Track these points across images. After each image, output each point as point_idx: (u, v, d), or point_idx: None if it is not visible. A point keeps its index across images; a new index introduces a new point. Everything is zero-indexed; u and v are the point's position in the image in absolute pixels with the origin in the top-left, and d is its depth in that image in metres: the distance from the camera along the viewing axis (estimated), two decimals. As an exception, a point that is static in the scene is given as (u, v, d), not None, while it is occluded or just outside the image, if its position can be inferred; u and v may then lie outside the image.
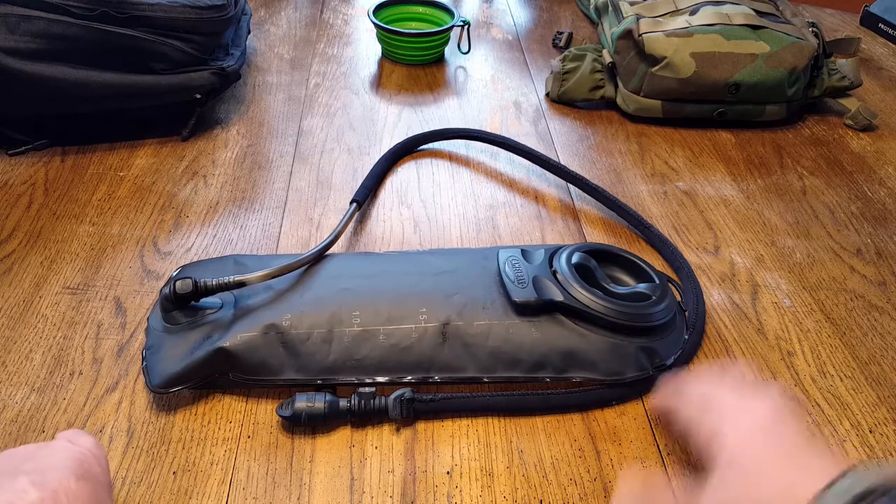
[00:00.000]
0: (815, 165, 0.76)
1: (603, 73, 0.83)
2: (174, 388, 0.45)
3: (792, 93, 0.78)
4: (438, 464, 0.44)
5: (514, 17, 1.07)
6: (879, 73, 0.96)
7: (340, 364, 0.47)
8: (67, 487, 0.31)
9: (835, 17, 1.12)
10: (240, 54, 0.77)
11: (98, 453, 0.36)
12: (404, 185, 0.69)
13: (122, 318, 0.53)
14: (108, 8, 0.63)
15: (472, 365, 0.47)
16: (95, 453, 0.35)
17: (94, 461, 0.34)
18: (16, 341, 0.50)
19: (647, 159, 0.75)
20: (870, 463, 0.45)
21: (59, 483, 0.31)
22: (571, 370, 0.48)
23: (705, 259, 0.62)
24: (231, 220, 0.63)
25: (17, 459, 0.33)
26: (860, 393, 0.50)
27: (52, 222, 0.61)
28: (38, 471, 0.32)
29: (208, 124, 0.76)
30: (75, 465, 0.33)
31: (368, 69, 0.90)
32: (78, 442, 0.35)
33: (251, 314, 0.48)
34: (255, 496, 0.42)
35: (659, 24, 0.79)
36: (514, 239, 0.63)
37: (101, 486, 0.34)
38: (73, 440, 0.35)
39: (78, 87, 0.64)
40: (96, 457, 0.35)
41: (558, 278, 0.50)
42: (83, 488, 0.32)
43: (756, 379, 0.45)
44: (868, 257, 0.63)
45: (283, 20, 1.01)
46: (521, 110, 0.83)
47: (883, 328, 0.56)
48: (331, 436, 0.45)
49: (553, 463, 0.45)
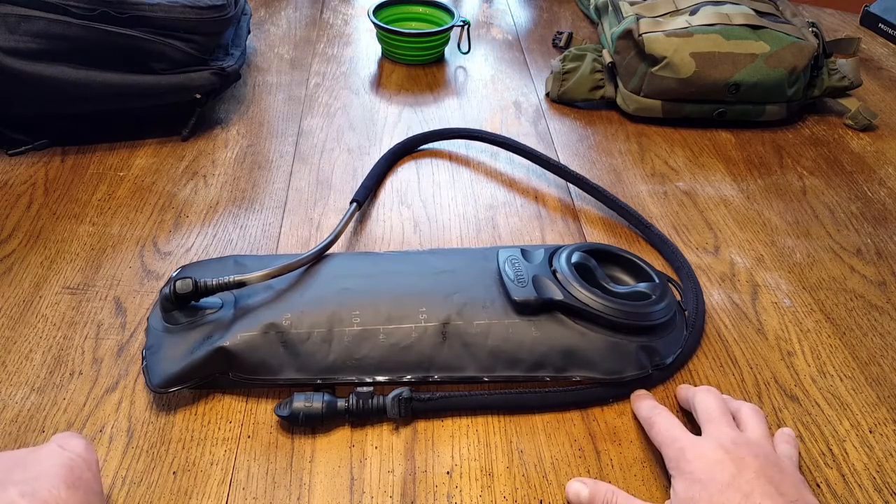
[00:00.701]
0: (815, 165, 0.76)
1: (603, 73, 0.83)
2: (174, 387, 0.45)
3: (792, 93, 0.78)
4: (438, 464, 0.44)
5: (514, 17, 1.07)
6: (879, 73, 0.96)
7: (340, 364, 0.47)
8: (58, 496, 0.31)
9: (835, 17, 1.12)
10: (240, 54, 0.77)
11: (89, 458, 0.35)
12: (404, 185, 0.69)
13: (122, 318, 0.53)
14: (109, 8, 0.63)
15: (471, 364, 0.47)
16: (86, 458, 0.35)
17: (84, 467, 0.34)
18: (16, 341, 0.50)
19: (647, 159, 0.75)
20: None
21: (49, 493, 0.31)
22: (571, 369, 0.48)
23: (705, 259, 0.62)
24: (231, 220, 0.63)
25: (6, 468, 0.33)
26: (860, 393, 0.50)
27: (52, 222, 0.61)
28: (27, 480, 0.31)
29: (208, 124, 0.76)
30: (65, 473, 0.32)
31: (368, 69, 0.90)
32: (69, 446, 0.35)
33: (251, 314, 0.48)
34: (255, 496, 0.42)
35: (659, 24, 0.79)
36: (514, 239, 0.63)
37: (92, 492, 0.33)
38: (64, 445, 0.35)
39: (78, 87, 0.64)
40: (87, 462, 0.34)
41: (558, 277, 0.50)
42: (74, 496, 0.31)
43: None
44: (868, 257, 0.63)
45: (283, 20, 1.01)
46: (521, 110, 0.83)
47: (883, 328, 0.56)
48: (331, 436, 0.45)
49: (553, 463, 0.45)
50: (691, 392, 0.46)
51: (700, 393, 0.45)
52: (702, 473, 0.38)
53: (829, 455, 0.46)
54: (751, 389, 0.50)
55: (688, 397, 0.46)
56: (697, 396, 0.44)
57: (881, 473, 0.45)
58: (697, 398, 0.44)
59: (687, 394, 0.46)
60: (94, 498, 0.33)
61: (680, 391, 0.48)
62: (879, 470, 0.45)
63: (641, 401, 0.47)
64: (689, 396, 0.46)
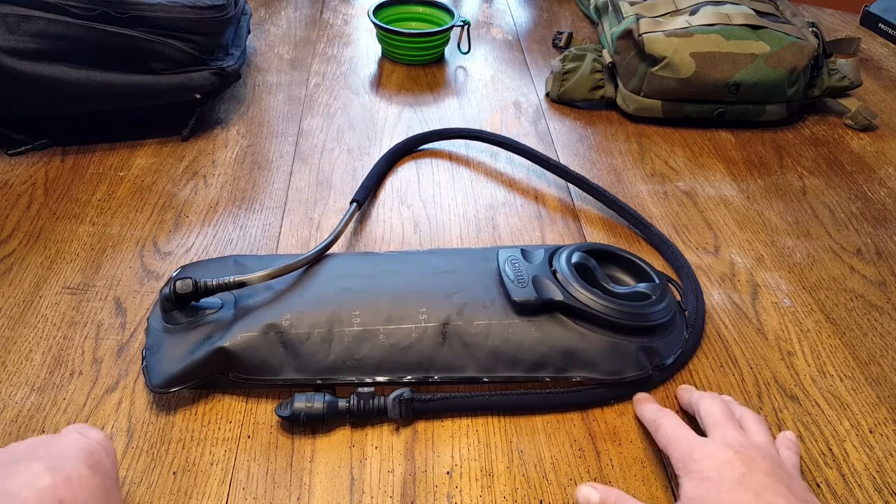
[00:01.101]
0: (815, 165, 0.76)
1: (603, 73, 0.83)
2: (174, 388, 0.45)
3: (792, 93, 0.78)
4: (438, 464, 0.44)
5: (514, 17, 1.07)
6: (879, 73, 0.96)
7: (340, 364, 0.47)
8: (79, 474, 0.32)
9: (835, 17, 1.12)
10: (240, 54, 0.77)
11: (107, 446, 0.36)
12: (404, 185, 0.69)
13: (122, 318, 0.53)
14: (108, 8, 0.63)
15: (471, 365, 0.47)
16: (105, 446, 0.36)
17: (103, 454, 0.35)
18: (16, 341, 0.50)
19: (647, 159, 0.75)
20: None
21: (72, 469, 0.32)
22: (571, 369, 0.48)
23: (705, 259, 0.62)
24: (231, 220, 0.63)
25: (30, 447, 0.34)
26: (860, 393, 0.50)
27: (52, 222, 0.61)
28: (51, 457, 0.32)
29: (208, 124, 0.76)
30: (86, 455, 0.33)
31: (368, 69, 0.90)
32: (88, 434, 0.36)
33: (251, 314, 0.48)
34: (255, 496, 0.42)
35: (659, 24, 0.79)
36: (514, 239, 0.63)
37: (110, 479, 0.34)
38: (84, 433, 0.36)
39: (78, 87, 0.64)
40: (106, 450, 0.36)
41: (558, 278, 0.50)
42: (94, 477, 0.32)
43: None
44: (868, 257, 0.63)
45: (283, 20, 1.01)
46: (521, 110, 0.83)
47: (883, 328, 0.56)
48: (331, 436, 0.45)
49: (553, 463, 0.45)
50: (695, 396, 0.46)
51: (705, 399, 0.44)
52: (711, 472, 0.38)
53: (829, 455, 0.46)
54: (751, 389, 0.50)
55: (690, 401, 0.46)
56: (702, 402, 0.44)
57: (881, 473, 0.45)
58: (702, 404, 0.44)
59: (690, 397, 0.46)
60: (111, 484, 0.34)
61: (681, 393, 0.48)
62: (879, 470, 0.45)
63: (644, 404, 0.46)
64: (692, 400, 0.46)
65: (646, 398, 0.48)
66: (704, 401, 0.44)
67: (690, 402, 0.46)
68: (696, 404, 0.45)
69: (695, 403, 0.45)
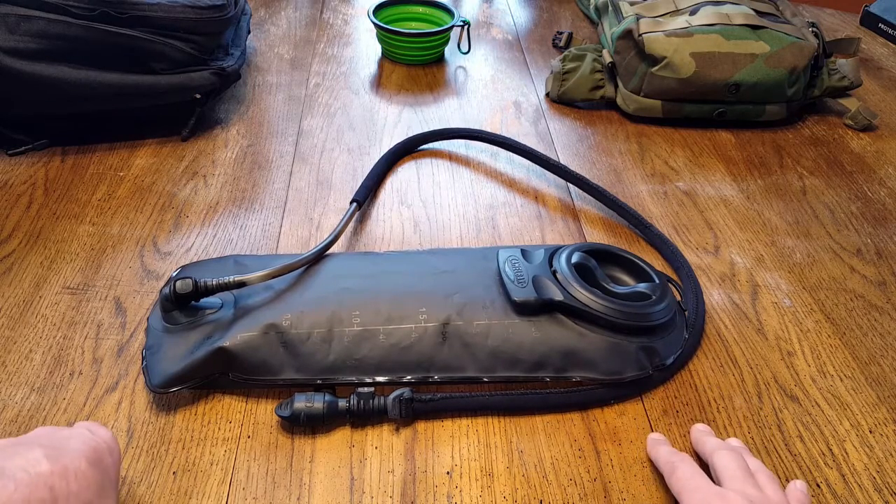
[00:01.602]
0: (815, 165, 0.76)
1: (603, 73, 0.83)
2: (174, 388, 0.45)
3: (792, 93, 0.78)
4: (438, 464, 0.44)
5: (514, 17, 1.07)
6: (879, 73, 0.96)
7: (340, 364, 0.47)
8: (77, 467, 0.32)
9: (835, 17, 1.12)
10: (240, 54, 0.77)
11: (113, 446, 0.37)
12: (404, 185, 0.69)
13: (122, 318, 0.53)
14: (108, 8, 0.63)
15: (471, 365, 0.47)
16: (111, 446, 0.36)
17: (107, 452, 0.36)
18: (16, 341, 0.50)
19: (647, 159, 0.75)
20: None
21: (71, 462, 0.32)
22: (571, 370, 0.48)
23: (705, 259, 0.62)
24: (231, 220, 0.63)
25: (36, 435, 0.35)
26: (860, 393, 0.50)
27: (52, 222, 0.61)
28: (54, 447, 0.33)
29: (208, 124, 0.76)
30: (89, 451, 0.34)
31: (368, 69, 0.90)
32: (96, 432, 0.37)
33: (251, 314, 0.48)
34: (255, 496, 0.42)
35: (659, 24, 0.79)
36: (514, 239, 0.63)
37: (108, 478, 0.35)
38: (93, 430, 0.37)
39: (78, 87, 0.64)
40: (110, 449, 0.36)
41: (558, 278, 0.50)
42: (91, 473, 0.33)
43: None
44: (868, 257, 0.63)
45: (283, 20, 1.01)
46: (521, 110, 0.83)
47: (883, 328, 0.56)
48: (331, 436, 0.45)
49: (553, 463, 0.45)
50: (709, 448, 0.44)
51: (720, 452, 0.43)
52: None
53: (829, 455, 0.46)
54: (751, 389, 0.50)
55: (704, 452, 0.44)
56: (717, 455, 0.43)
57: (881, 473, 0.45)
58: (717, 457, 0.42)
59: (704, 448, 0.44)
60: (109, 483, 0.35)
61: (696, 436, 0.46)
62: (879, 470, 0.45)
63: (659, 446, 0.45)
64: (706, 452, 0.44)
65: (660, 440, 0.46)
66: (720, 455, 0.43)
67: (704, 452, 0.44)
68: (711, 456, 0.43)
69: (709, 455, 0.43)
